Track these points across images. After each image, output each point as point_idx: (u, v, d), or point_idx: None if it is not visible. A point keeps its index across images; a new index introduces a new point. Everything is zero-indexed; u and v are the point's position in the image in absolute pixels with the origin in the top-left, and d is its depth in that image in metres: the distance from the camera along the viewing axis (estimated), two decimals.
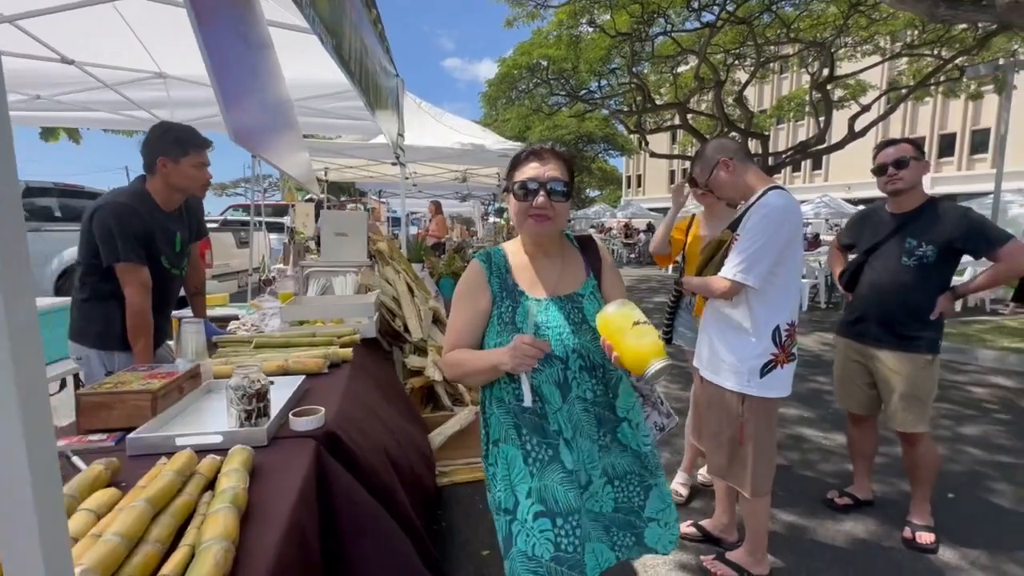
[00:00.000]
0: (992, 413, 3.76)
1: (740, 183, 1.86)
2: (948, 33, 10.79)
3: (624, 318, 1.08)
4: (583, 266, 1.31)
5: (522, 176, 1.20)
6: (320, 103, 3.42)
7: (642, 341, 1.05)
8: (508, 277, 1.26)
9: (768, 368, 1.75)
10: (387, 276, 3.17)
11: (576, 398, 1.20)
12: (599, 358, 1.21)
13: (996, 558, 2.10)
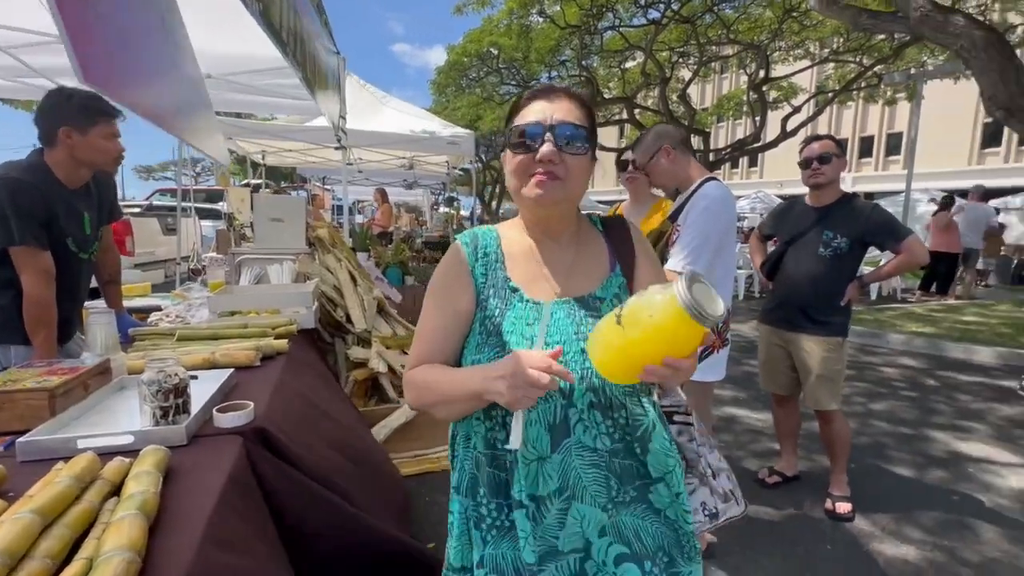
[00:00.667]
0: (900, 391, 4.12)
1: (679, 172, 1.90)
2: (869, 42, 11.61)
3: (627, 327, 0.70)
4: (607, 257, 0.94)
5: (522, 120, 0.85)
6: (253, 79, 3.20)
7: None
8: (498, 268, 0.91)
9: (705, 353, 1.80)
10: (328, 264, 3.04)
11: (577, 447, 0.82)
12: (621, 392, 0.84)
13: (901, 523, 2.30)
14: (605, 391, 0.83)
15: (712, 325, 0.64)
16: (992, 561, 2.05)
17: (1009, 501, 2.50)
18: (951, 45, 6.41)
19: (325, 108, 2.67)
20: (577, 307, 0.88)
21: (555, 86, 0.89)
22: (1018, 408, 3.74)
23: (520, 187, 0.86)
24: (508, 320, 0.86)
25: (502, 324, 0.86)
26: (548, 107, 0.85)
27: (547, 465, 0.82)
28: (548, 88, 0.88)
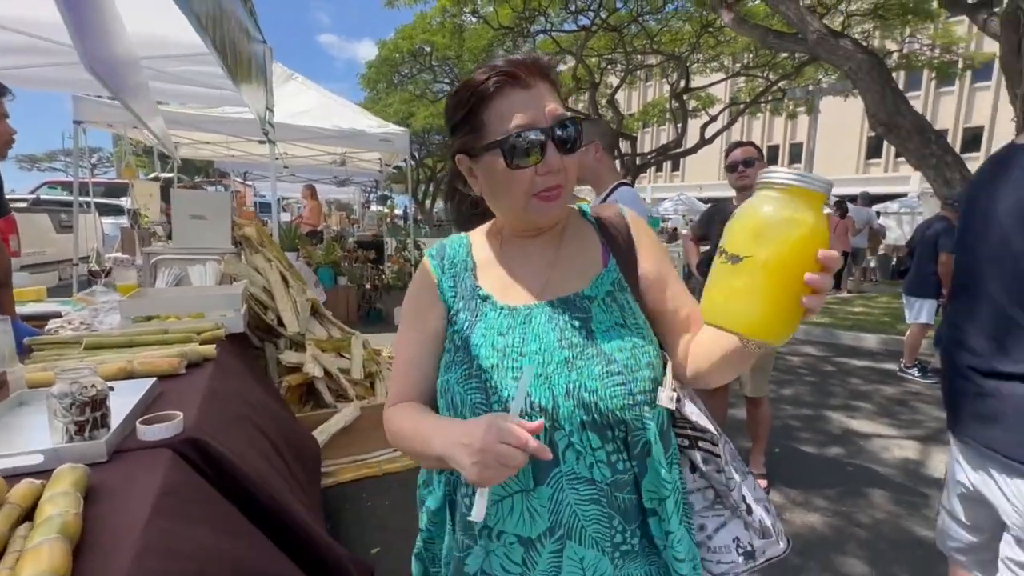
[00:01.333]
0: (803, 376, 4.57)
1: (600, 172, 1.91)
2: (774, 59, 12.72)
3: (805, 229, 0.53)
4: (599, 252, 0.81)
5: (508, 123, 0.68)
6: (168, 65, 2.96)
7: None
8: (467, 277, 0.80)
9: None
10: (256, 265, 2.88)
11: (570, 478, 0.69)
12: (620, 405, 0.69)
13: (808, 494, 2.57)
14: (599, 407, 0.68)
15: (830, 191, 0.54)
16: (880, 522, 2.35)
17: (893, 469, 2.86)
18: (841, 66, 7.20)
19: (250, 100, 2.53)
20: (561, 310, 0.74)
21: (519, 60, 0.69)
22: (897, 388, 4.28)
23: (521, 207, 0.72)
24: (478, 332, 0.75)
25: (471, 336, 0.74)
26: (532, 100, 0.69)
27: (532, 499, 0.69)
28: (515, 66, 0.68)
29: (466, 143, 0.74)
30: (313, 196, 7.89)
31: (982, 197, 1.18)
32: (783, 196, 0.54)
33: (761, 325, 0.55)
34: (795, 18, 7.08)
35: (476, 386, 0.71)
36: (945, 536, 1.34)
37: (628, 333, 0.74)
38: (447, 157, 0.83)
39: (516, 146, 0.68)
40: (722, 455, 0.76)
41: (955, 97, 24.24)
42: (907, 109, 6.87)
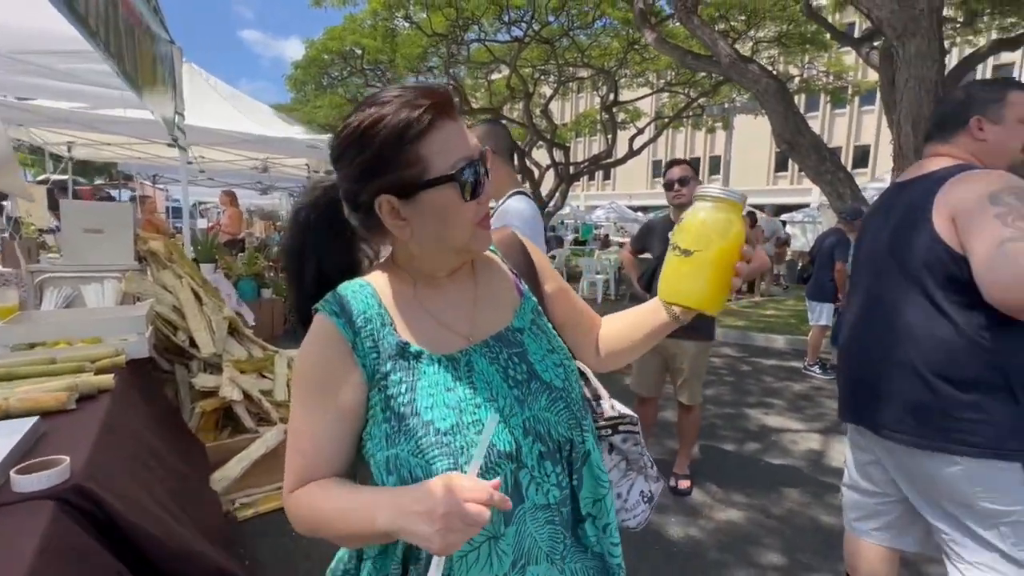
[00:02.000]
0: (724, 377, 4.89)
1: (493, 180, 1.93)
2: (694, 77, 13.60)
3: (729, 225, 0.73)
4: (511, 279, 0.81)
5: (452, 155, 0.66)
6: (56, 61, 2.67)
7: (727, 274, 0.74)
8: (389, 333, 0.70)
9: None
10: (164, 282, 2.65)
11: (531, 511, 0.70)
12: (567, 427, 0.73)
13: (728, 491, 2.75)
14: (551, 434, 0.71)
15: (746, 200, 0.75)
16: (791, 512, 2.55)
17: (800, 461, 3.12)
18: (751, 88, 7.82)
19: (155, 105, 2.33)
20: (498, 348, 0.73)
21: (436, 90, 0.67)
22: (804, 384, 4.69)
23: (466, 239, 0.70)
24: (422, 393, 0.67)
25: (416, 399, 0.67)
26: (463, 131, 0.68)
27: (500, 543, 0.67)
28: (440, 96, 0.66)
29: (400, 181, 0.66)
30: (233, 203, 7.40)
31: (875, 220, 1.43)
32: (716, 205, 0.73)
33: (707, 300, 0.73)
34: (709, 42, 7.62)
35: (439, 453, 0.64)
36: (848, 509, 1.52)
37: (557, 356, 0.77)
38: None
39: (471, 175, 0.67)
40: (639, 431, 0.91)
41: (847, 119, 27.13)
42: (806, 129, 7.58)
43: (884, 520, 1.43)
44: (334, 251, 0.78)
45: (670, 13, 9.49)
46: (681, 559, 2.18)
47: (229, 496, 2.38)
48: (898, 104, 6.51)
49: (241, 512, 2.34)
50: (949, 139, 1.30)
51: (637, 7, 8.87)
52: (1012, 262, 1.00)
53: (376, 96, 0.66)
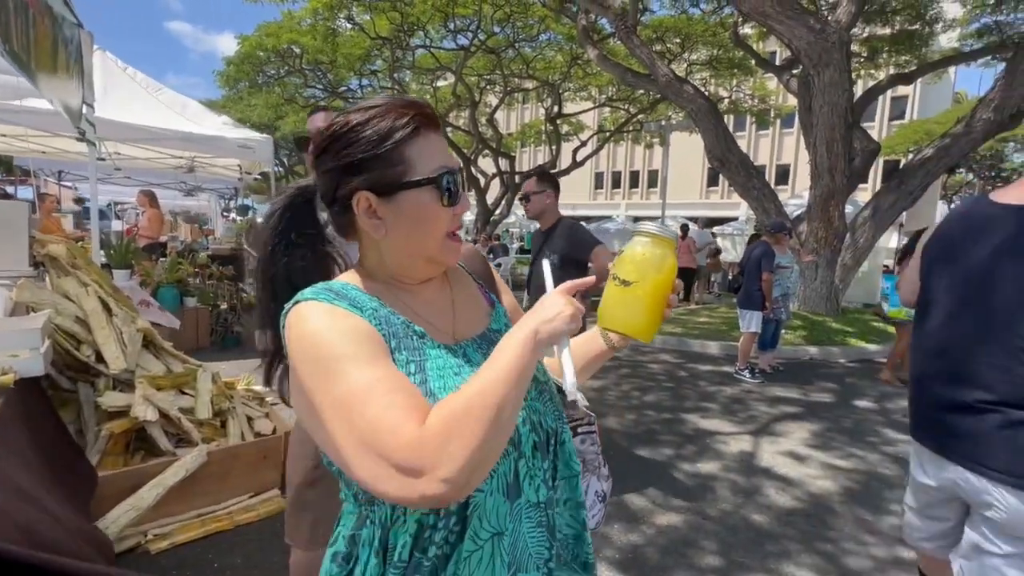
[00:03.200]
0: (663, 383, 5.06)
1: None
2: (633, 94, 14.19)
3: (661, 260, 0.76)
4: (477, 290, 0.86)
5: (436, 161, 0.69)
6: None
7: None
8: (389, 314, 0.69)
9: None
10: (66, 290, 2.38)
11: (526, 508, 0.70)
12: (551, 420, 0.76)
13: (667, 495, 2.82)
14: (543, 425, 0.74)
15: (676, 238, 0.80)
16: (726, 513, 2.65)
17: (734, 462, 3.27)
18: (685, 107, 8.27)
19: (53, 93, 2.09)
20: (485, 346, 0.75)
21: (423, 104, 0.71)
22: (736, 388, 4.94)
23: (436, 248, 0.71)
24: (433, 374, 0.66)
25: (428, 381, 0.66)
26: (444, 143, 0.72)
27: (504, 541, 0.66)
28: (427, 108, 0.70)
29: (381, 178, 0.67)
30: (152, 203, 6.83)
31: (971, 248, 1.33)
32: (653, 241, 0.76)
33: (643, 328, 0.75)
34: (648, 61, 7.98)
35: None
36: (912, 530, 1.54)
37: None
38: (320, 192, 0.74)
39: (450, 182, 0.69)
40: (597, 431, 0.93)
41: (770, 139, 29.30)
42: (736, 148, 8.12)
43: (942, 542, 1.48)
44: (306, 253, 0.77)
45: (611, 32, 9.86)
46: (623, 566, 2.21)
47: (140, 527, 2.15)
48: (814, 127, 7.11)
49: (155, 544, 2.12)
50: None
51: (580, 24, 9.16)
52: None
53: (365, 101, 0.70)
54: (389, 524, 0.67)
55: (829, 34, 6.22)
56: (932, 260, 1.45)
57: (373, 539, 0.67)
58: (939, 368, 1.36)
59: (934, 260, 1.44)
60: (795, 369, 5.67)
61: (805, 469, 3.21)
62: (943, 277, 1.40)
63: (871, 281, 9.63)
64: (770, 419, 4.11)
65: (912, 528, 1.55)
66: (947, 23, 10.66)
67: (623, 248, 0.79)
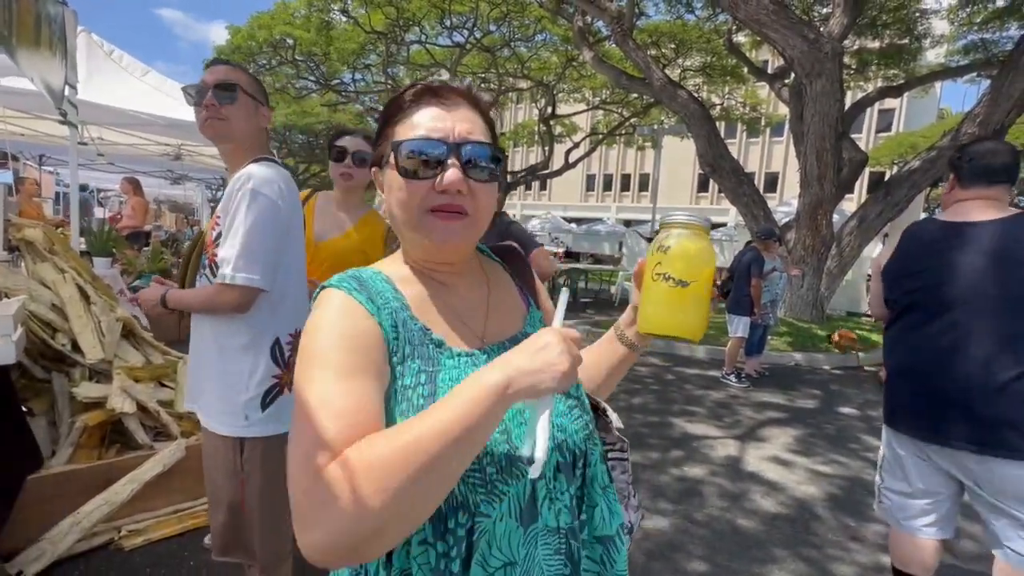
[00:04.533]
0: (650, 386, 5.07)
1: (241, 129, 1.37)
2: (626, 98, 14.25)
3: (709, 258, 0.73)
4: (516, 290, 0.79)
5: (413, 132, 0.64)
6: None
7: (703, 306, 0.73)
8: (409, 318, 0.65)
9: (272, 396, 1.33)
10: (42, 276, 2.30)
11: (543, 534, 0.63)
12: (582, 437, 0.69)
13: (655, 499, 2.81)
14: (568, 444, 0.66)
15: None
16: (713, 518, 2.65)
17: (719, 467, 3.28)
18: (679, 112, 8.32)
19: (35, 72, 2.01)
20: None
21: (447, 83, 0.67)
22: (722, 393, 4.97)
23: (417, 223, 0.65)
24: (443, 387, 0.61)
25: (437, 393, 0.61)
26: (446, 116, 0.65)
27: (517, 570, 0.61)
28: (439, 86, 0.66)
29: (378, 153, 0.70)
30: (137, 191, 6.67)
31: (951, 255, 1.53)
32: (696, 232, 0.72)
33: (699, 327, 0.71)
34: (643, 65, 8.01)
35: None
36: (897, 511, 1.68)
37: None
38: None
39: (412, 152, 0.63)
40: (628, 458, 0.84)
41: (759, 147, 29.66)
42: (727, 154, 8.19)
43: (934, 516, 1.61)
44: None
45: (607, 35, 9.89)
46: None
47: (114, 523, 2.08)
48: (805, 136, 7.19)
49: (128, 540, 2.06)
50: (993, 187, 1.54)
51: (576, 25, 9.17)
52: None
53: (409, 87, 0.69)
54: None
55: (823, 44, 6.29)
56: (896, 276, 1.67)
57: (400, 560, 0.62)
58: (935, 362, 1.52)
59: (898, 276, 1.66)
60: (780, 375, 5.73)
61: (790, 474, 3.23)
62: (916, 286, 1.59)
63: (855, 289, 9.77)
64: (756, 424, 4.13)
65: (904, 510, 1.67)
66: (935, 39, 10.88)
67: (664, 243, 0.72)
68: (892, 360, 1.68)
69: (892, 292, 1.67)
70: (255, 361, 1.33)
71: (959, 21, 10.14)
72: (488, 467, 0.59)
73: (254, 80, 1.45)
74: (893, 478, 1.69)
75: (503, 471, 0.59)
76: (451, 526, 0.59)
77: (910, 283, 1.61)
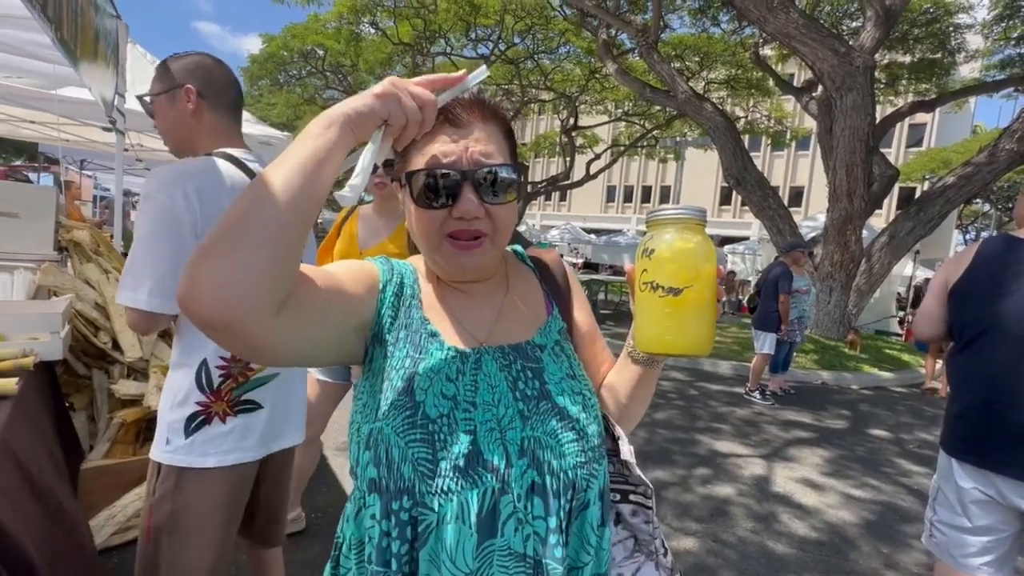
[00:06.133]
0: (673, 401, 4.99)
1: (168, 131, 1.24)
2: (650, 109, 14.24)
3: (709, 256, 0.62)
4: (542, 297, 0.78)
5: (424, 160, 0.64)
6: None
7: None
8: (414, 306, 0.69)
9: (196, 424, 1.17)
10: (88, 276, 2.38)
11: (501, 555, 0.60)
12: (569, 465, 0.64)
13: (683, 518, 2.75)
14: (552, 465, 0.63)
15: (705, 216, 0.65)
16: (742, 540, 2.58)
17: (747, 486, 3.20)
18: (703, 124, 8.27)
19: (93, 82, 2.11)
20: (513, 357, 0.68)
21: (459, 100, 0.65)
22: (747, 410, 4.87)
23: (433, 247, 0.66)
24: (423, 374, 0.64)
25: (415, 378, 0.63)
26: (458, 140, 0.63)
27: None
28: (452, 105, 0.64)
29: (397, 172, 0.69)
30: None
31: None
32: (686, 225, 0.61)
33: (706, 340, 0.61)
34: (667, 78, 8.00)
35: (421, 437, 0.60)
36: (953, 547, 1.57)
37: (578, 385, 0.70)
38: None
39: (424, 184, 0.63)
40: (653, 507, 0.76)
41: (784, 161, 29.25)
42: (753, 167, 8.10)
43: (993, 555, 1.52)
44: None
45: (631, 47, 9.92)
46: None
47: None
48: (835, 150, 7.08)
49: None
50: None
51: (601, 38, 9.22)
52: None
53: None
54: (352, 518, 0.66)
55: (854, 58, 6.21)
56: (966, 297, 1.57)
57: (359, 529, 0.65)
58: (1014, 392, 1.44)
59: (970, 297, 1.56)
60: (807, 393, 5.59)
61: (821, 497, 3.13)
62: (992, 310, 1.49)
63: (884, 307, 9.52)
64: (783, 443, 4.03)
65: (961, 547, 1.57)
66: (969, 54, 10.64)
67: (648, 245, 0.62)
68: (963, 389, 1.57)
69: (962, 316, 1.56)
70: (182, 382, 1.17)
71: (994, 36, 9.91)
72: (442, 461, 0.59)
73: (162, 70, 1.22)
74: (950, 512, 1.58)
75: (455, 468, 0.59)
76: (394, 507, 0.60)
77: (985, 306, 1.49)
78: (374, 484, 0.61)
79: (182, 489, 1.16)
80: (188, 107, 1.19)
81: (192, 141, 1.23)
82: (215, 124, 1.23)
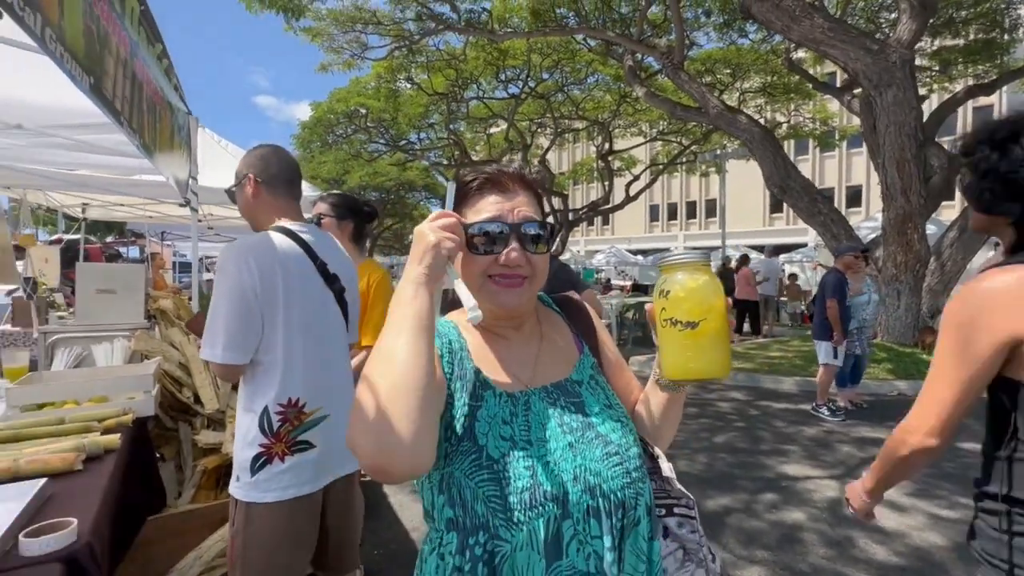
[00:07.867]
0: (733, 422, 4.80)
1: (258, 213, 1.54)
2: (685, 126, 14.14)
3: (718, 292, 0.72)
4: (572, 338, 0.88)
5: (478, 216, 0.77)
6: (75, 133, 2.83)
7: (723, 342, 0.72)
8: (465, 358, 0.78)
9: (260, 463, 1.34)
10: (172, 339, 2.68)
11: (571, 572, 0.68)
12: (618, 487, 0.72)
13: (749, 545, 2.64)
14: (602, 488, 0.71)
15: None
16: (817, 569, 2.44)
17: (821, 511, 3.01)
18: (739, 136, 8.15)
19: (169, 170, 2.45)
20: (556, 395, 0.78)
21: (505, 170, 0.80)
22: (816, 428, 4.60)
23: (476, 288, 0.75)
24: (482, 420, 0.73)
25: (475, 425, 0.72)
26: (504, 200, 0.77)
27: None
28: (499, 174, 0.79)
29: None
30: None
31: None
32: (695, 267, 0.72)
33: (722, 365, 0.70)
34: (697, 95, 7.99)
35: (488, 478, 0.69)
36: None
37: (615, 413, 0.80)
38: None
39: (479, 233, 0.75)
40: (696, 517, 0.84)
41: (836, 161, 27.88)
42: (796, 174, 7.84)
43: None
44: None
45: (658, 69, 10.02)
46: None
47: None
48: (881, 148, 6.77)
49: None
50: None
51: (627, 64, 9.38)
52: None
53: (469, 173, 0.82)
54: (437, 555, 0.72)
55: (889, 54, 6.00)
56: None
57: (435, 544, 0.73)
58: None
59: None
60: (882, 406, 5.20)
61: (903, 519, 2.91)
62: None
63: None
64: (858, 462, 3.77)
65: None
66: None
67: (663, 287, 0.72)
68: None
69: None
70: (249, 425, 1.36)
71: None
72: (510, 496, 0.67)
73: (238, 166, 1.57)
74: None
75: (521, 502, 0.67)
76: (470, 543, 0.68)
77: None
78: (452, 523, 0.70)
79: (250, 522, 1.34)
80: (250, 191, 1.51)
81: (257, 217, 1.54)
82: (273, 203, 1.53)
